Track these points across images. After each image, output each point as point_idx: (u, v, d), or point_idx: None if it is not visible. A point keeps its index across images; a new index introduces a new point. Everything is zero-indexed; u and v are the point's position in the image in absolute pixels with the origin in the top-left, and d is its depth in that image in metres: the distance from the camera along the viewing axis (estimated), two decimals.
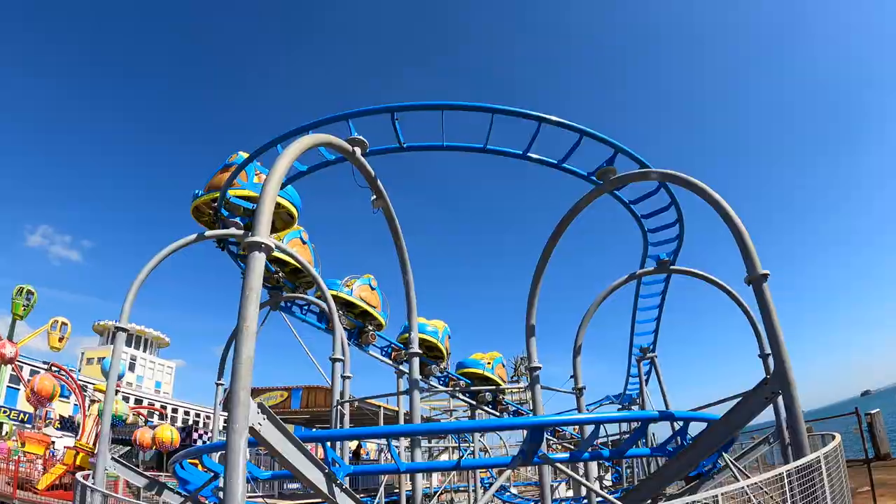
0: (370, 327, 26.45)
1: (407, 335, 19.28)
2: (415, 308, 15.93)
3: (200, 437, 40.68)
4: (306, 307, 25.25)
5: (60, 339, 43.65)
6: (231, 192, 17.20)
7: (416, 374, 15.44)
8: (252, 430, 7.95)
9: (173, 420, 72.56)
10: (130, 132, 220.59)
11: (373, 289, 26.39)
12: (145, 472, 17.91)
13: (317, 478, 9.77)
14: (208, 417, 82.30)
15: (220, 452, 12.34)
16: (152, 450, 41.06)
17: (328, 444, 11.36)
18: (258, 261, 8.24)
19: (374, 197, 14.50)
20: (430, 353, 28.53)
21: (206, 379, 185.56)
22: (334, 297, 22.31)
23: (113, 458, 15.71)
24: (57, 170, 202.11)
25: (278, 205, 17.98)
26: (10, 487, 27.14)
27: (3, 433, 44.80)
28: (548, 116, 14.29)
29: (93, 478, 14.86)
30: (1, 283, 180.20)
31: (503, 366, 32.57)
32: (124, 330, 15.80)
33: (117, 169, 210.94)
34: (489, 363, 31.22)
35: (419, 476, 14.28)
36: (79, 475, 15.64)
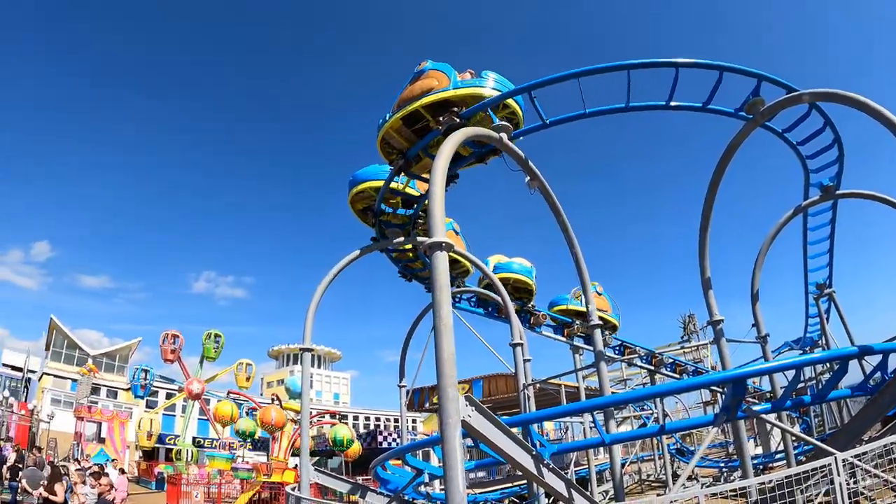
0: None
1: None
2: (588, 281, 15.81)
3: (385, 439, 41.70)
4: (465, 298, 25.51)
5: (247, 379, 46.84)
6: (428, 99, 14.71)
7: (600, 346, 15.36)
8: (464, 422, 8.09)
9: (355, 427, 74.76)
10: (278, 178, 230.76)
11: (599, 293, 26.60)
12: (347, 478, 18.58)
13: (526, 460, 9.87)
14: (388, 420, 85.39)
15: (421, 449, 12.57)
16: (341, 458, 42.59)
17: (532, 426, 11.46)
18: (442, 259, 8.40)
19: (529, 178, 14.47)
20: (518, 294, 27.12)
21: (379, 384, 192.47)
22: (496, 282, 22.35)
23: (316, 469, 16.36)
24: (219, 219, 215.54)
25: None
26: None
27: (195, 460, 47.76)
28: (683, 60, 13.65)
29: (299, 488, 15.61)
30: (174, 327, 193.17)
31: (600, 294, 29.87)
32: (309, 350, 16.61)
33: (273, 213, 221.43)
34: (577, 296, 29.50)
35: (616, 448, 14.12)
36: (287, 487, 16.47)
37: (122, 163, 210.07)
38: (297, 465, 24.61)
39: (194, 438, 50.58)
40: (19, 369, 74.60)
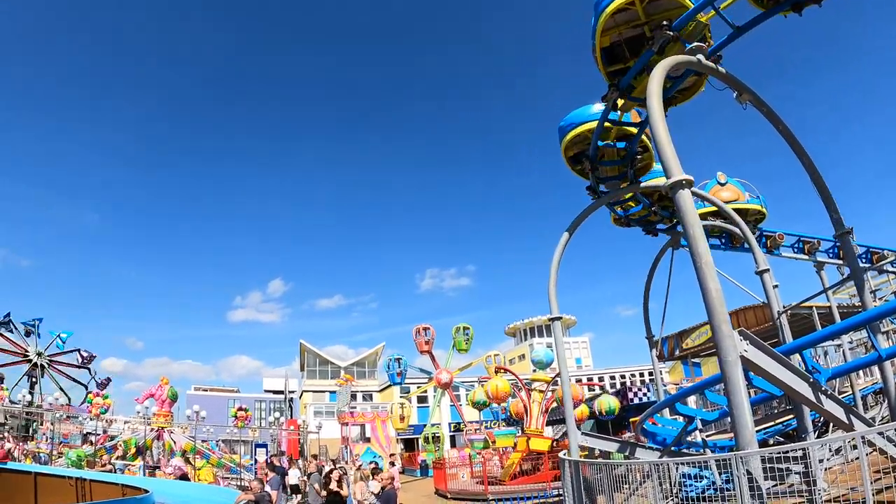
0: (752, 221, 24.94)
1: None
2: (826, 187, 14.78)
3: (635, 395, 41.24)
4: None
5: (496, 371, 48.28)
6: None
7: (855, 259, 14.46)
8: (742, 357, 7.83)
9: (612, 386, 74.66)
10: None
11: (723, 183, 24.80)
12: (614, 438, 18.54)
13: (804, 389, 9.46)
14: (632, 376, 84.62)
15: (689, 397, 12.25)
16: (590, 420, 42.60)
17: (806, 352, 10.94)
18: (686, 198, 8.14)
19: (737, 93, 13.83)
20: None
21: (616, 342, 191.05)
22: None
23: (584, 433, 16.40)
24: (432, 216, 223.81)
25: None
26: (480, 486, 29.50)
27: (441, 447, 49.72)
28: None
29: (569, 452, 15.71)
30: (405, 325, 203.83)
31: (723, 184, 26.26)
32: (558, 318, 16.70)
33: (479, 198, 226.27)
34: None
35: (888, 365, 13.11)
36: (561, 454, 16.62)
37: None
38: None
39: (449, 424, 52.60)
40: (280, 392, 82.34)
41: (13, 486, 19.48)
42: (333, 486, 17.56)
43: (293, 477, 26.30)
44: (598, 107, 16.35)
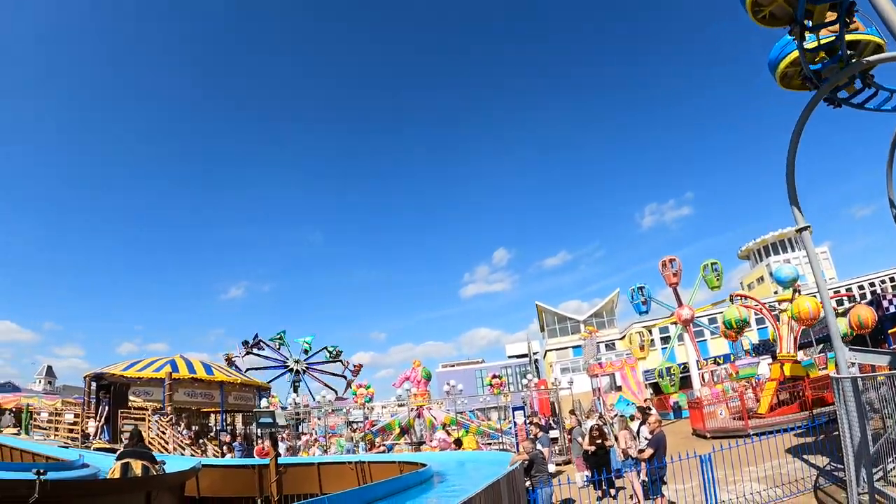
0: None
1: None
2: None
3: (891, 303, 38.52)
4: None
5: (731, 299, 46.64)
6: None
7: None
8: None
9: (862, 297, 70.08)
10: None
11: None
12: (884, 350, 17.59)
13: None
14: (882, 283, 79.40)
15: None
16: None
17: None
18: None
19: None
20: None
21: (858, 248, 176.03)
22: None
23: (851, 348, 15.64)
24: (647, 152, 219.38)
25: None
26: (739, 422, 28.76)
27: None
28: None
29: (837, 371, 15.06)
30: (633, 268, 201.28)
31: None
32: (805, 228, 15.82)
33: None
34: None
35: None
36: (831, 372, 16.00)
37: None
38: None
39: (697, 362, 51.58)
40: (524, 356, 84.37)
41: (300, 477, 21.31)
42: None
43: (552, 434, 27.06)
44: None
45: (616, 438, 20.15)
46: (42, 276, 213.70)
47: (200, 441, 31.06)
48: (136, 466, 12.47)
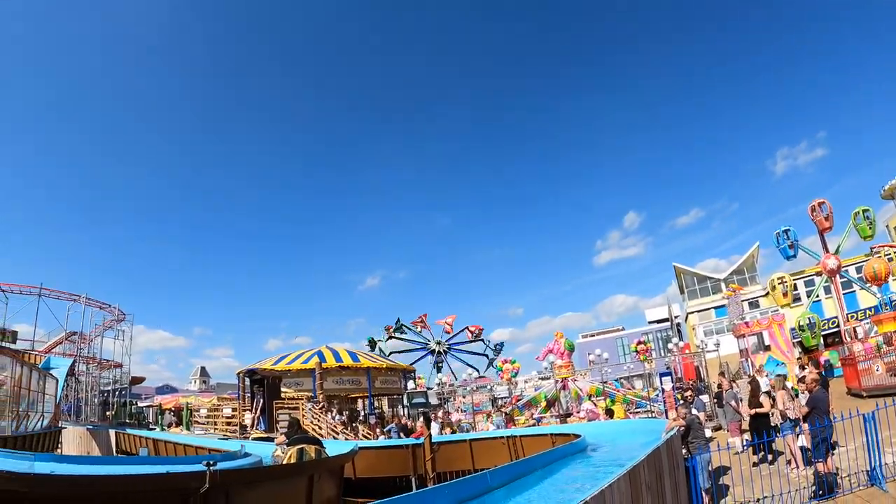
0: None
1: None
2: None
3: None
4: None
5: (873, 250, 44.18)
6: None
7: None
8: None
9: None
10: None
11: None
12: None
13: None
14: None
15: None
16: None
17: None
18: None
19: None
20: None
21: None
22: None
23: None
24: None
25: None
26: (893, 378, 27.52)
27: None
28: None
29: None
30: (771, 219, 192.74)
31: None
32: None
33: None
34: None
35: None
36: None
37: None
38: None
39: (849, 315, 49.19)
40: (664, 320, 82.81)
41: (453, 454, 21.92)
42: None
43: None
44: None
45: (773, 400, 19.47)
46: (188, 288, 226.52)
47: (353, 425, 32.03)
48: (311, 450, 13.10)
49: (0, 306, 56.87)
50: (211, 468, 9.50)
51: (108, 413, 57.38)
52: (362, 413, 42.54)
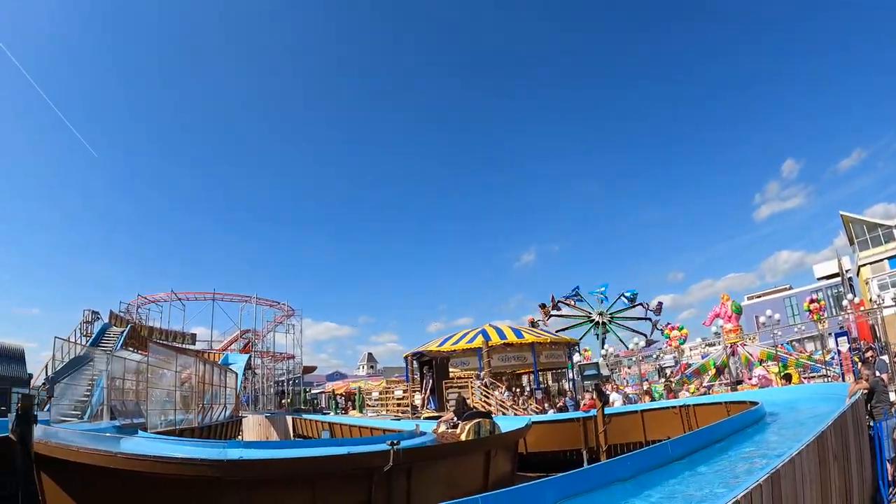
0: None
1: None
2: None
3: None
4: None
5: None
6: None
7: None
8: None
9: None
10: None
11: None
12: None
13: None
14: None
15: None
16: None
17: None
18: None
19: None
20: None
21: None
22: None
23: None
24: None
25: None
26: None
27: None
28: None
29: None
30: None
31: None
32: None
33: None
34: None
35: None
36: None
37: None
38: None
39: None
40: (834, 276, 78.31)
41: (625, 426, 21.91)
42: None
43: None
44: None
45: None
46: (348, 280, 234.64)
47: (521, 400, 32.41)
48: (487, 424, 13.49)
49: (179, 313, 64.53)
50: (394, 447, 10.00)
51: (283, 401, 61.37)
52: (528, 388, 42.89)
